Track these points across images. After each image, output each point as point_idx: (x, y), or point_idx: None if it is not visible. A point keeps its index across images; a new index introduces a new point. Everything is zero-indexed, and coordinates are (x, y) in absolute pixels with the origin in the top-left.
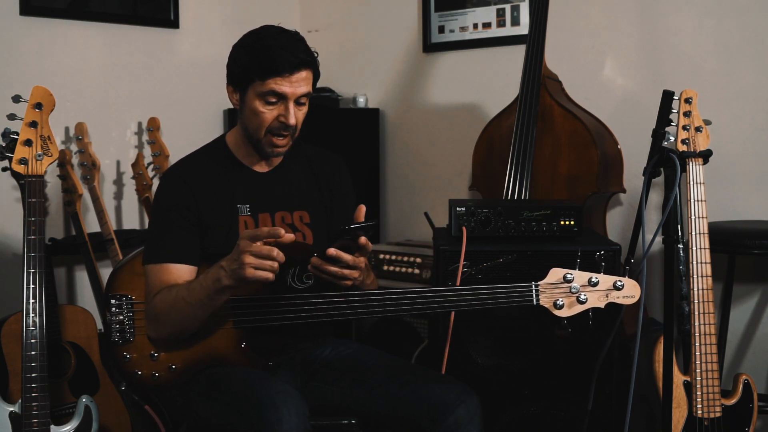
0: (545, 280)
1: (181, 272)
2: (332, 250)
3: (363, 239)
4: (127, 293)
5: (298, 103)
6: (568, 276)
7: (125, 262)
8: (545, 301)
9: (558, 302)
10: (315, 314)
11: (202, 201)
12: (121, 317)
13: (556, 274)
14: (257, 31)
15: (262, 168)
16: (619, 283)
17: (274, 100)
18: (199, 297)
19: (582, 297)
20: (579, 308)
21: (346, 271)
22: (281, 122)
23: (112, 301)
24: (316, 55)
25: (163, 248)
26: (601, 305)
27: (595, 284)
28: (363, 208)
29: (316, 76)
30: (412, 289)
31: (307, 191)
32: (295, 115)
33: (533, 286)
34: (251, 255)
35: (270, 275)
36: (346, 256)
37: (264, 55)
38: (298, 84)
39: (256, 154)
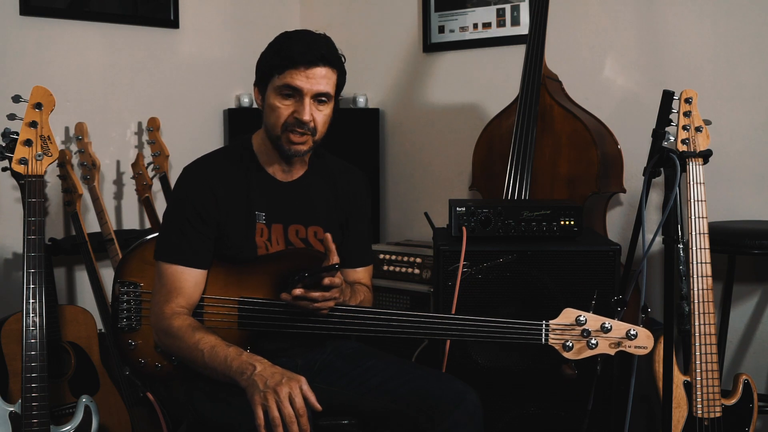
0: (557, 321)
1: (193, 276)
2: (297, 291)
3: (327, 280)
4: (136, 281)
5: (317, 101)
6: (581, 318)
7: (136, 248)
8: (554, 341)
9: (567, 344)
10: (320, 325)
11: (221, 203)
12: (129, 304)
13: (568, 315)
14: (287, 32)
15: (284, 177)
16: (632, 332)
17: (289, 93)
18: (217, 366)
19: (592, 342)
20: (588, 353)
21: (317, 305)
22: (296, 119)
23: (121, 288)
24: (343, 59)
25: (178, 249)
26: (611, 353)
27: (608, 330)
28: (329, 237)
29: (341, 80)
30: (419, 314)
31: (325, 207)
32: (312, 114)
33: (543, 326)
34: (287, 398)
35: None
36: (314, 294)
37: (284, 48)
38: (315, 80)
39: (279, 160)
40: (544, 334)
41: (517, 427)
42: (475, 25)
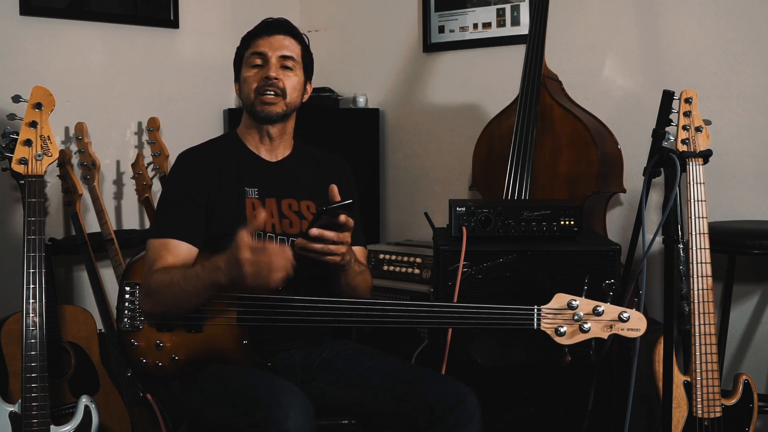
0: (548, 305)
1: (181, 250)
2: (314, 230)
3: (343, 217)
4: (139, 281)
5: (283, 67)
6: (573, 303)
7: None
8: (546, 326)
9: (560, 329)
10: (317, 319)
11: (212, 181)
12: (132, 305)
13: (560, 299)
14: None
15: (270, 157)
16: (624, 314)
17: (258, 62)
18: (195, 286)
19: (585, 326)
20: (581, 337)
21: (332, 247)
22: (265, 78)
23: (126, 288)
24: (306, 40)
25: (166, 224)
26: (604, 336)
27: (600, 314)
28: (335, 188)
29: (306, 55)
30: (413, 303)
31: (314, 183)
32: (279, 75)
33: (535, 310)
34: (252, 265)
35: (274, 280)
36: (329, 233)
37: (250, 31)
38: (278, 44)
39: (263, 138)
40: (536, 319)
41: (517, 427)
42: (475, 25)
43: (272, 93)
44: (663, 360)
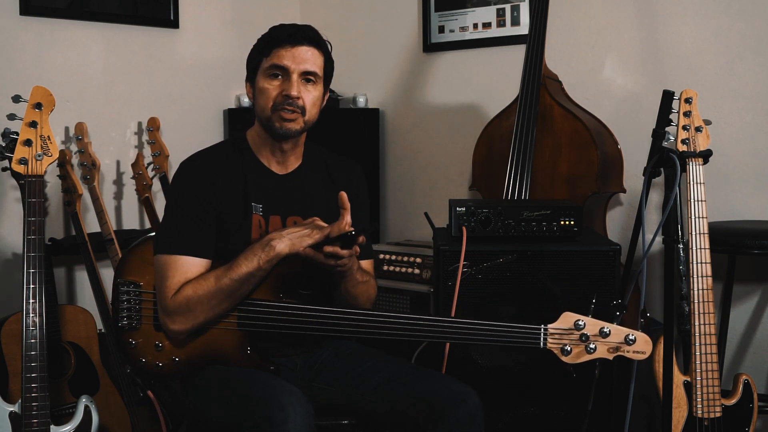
0: (555, 325)
1: (197, 266)
2: (329, 248)
3: (361, 238)
4: (136, 280)
5: (305, 80)
6: (580, 323)
7: (136, 246)
8: (552, 345)
9: (566, 348)
10: (316, 327)
11: (219, 192)
12: (129, 303)
13: (567, 319)
14: (274, 26)
15: (279, 169)
16: (631, 336)
17: (277, 72)
18: (247, 269)
19: (591, 347)
20: (586, 357)
21: (341, 261)
22: (284, 96)
23: (122, 288)
24: (329, 47)
25: (180, 239)
26: (610, 357)
27: (607, 335)
28: (344, 194)
29: (328, 66)
30: (416, 317)
31: (322, 197)
32: (300, 92)
33: (541, 330)
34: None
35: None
36: (343, 252)
37: (270, 33)
38: (300, 58)
39: (274, 150)
40: (542, 338)
41: (517, 427)
42: (475, 25)
43: (291, 110)
44: (663, 360)
